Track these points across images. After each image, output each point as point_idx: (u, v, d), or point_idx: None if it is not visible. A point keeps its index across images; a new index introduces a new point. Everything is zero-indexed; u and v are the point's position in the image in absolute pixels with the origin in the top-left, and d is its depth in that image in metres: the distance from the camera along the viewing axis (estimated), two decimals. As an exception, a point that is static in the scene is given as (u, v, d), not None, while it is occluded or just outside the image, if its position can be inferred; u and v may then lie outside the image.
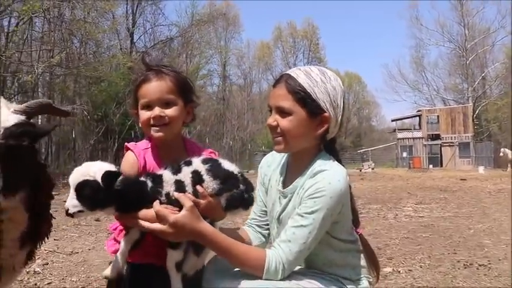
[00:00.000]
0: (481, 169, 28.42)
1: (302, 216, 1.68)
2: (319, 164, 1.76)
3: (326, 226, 1.70)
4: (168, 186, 1.70)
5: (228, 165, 1.82)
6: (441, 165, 41.17)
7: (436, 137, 44.06)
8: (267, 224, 2.04)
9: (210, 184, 1.72)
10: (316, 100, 1.76)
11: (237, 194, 1.76)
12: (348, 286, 1.80)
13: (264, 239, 2.06)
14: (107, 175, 1.56)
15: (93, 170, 1.58)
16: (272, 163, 2.03)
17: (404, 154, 44.50)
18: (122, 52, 26.99)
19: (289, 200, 1.83)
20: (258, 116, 56.41)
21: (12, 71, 19.33)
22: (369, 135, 74.84)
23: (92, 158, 24.07)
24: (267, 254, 1.66)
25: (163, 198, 1.68)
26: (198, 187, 1.70)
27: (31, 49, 21.52)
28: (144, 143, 2.02)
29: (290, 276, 1.70)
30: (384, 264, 4.24)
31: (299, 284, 1.69)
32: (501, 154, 30.24)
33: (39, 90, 23.67)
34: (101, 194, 1.56)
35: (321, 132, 1.80)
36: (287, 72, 1.85)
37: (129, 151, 1.97)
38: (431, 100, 55.78)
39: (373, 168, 33.96)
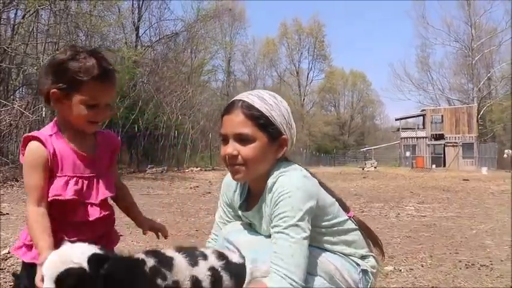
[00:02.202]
0: (484, 170, 28.36)
1: (276, 226, 1.64)
2: (273, 177, 1.74)
3: (306, 222, 1.63)
4: (181, 276, 1.54)
5: (236, 257, 1.73)
6: (444, 165, 41.10)
7: (440, 136, 43.98)
8: None
9: (226, 284, 1.63)
10: (275, 124, 1.74)
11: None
12: (356, 261, 1.84)
13: None
14: (96, 260, 1.33)
15: (76, 255, 1.34)
16: (232, 186, 2.00)
17: (408, 153, 44.45)
18: (127, 46, 26.91)
19: (261, 217, 1.82)
20: (261, 112, 56.23)
21: (17, 63, 19.36)
22: (372, 133, 74.71)
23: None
24: (267, 281, 1.58)
25: (167, 283, 1.50)
26: None
27: (37, 41, 21.54)
28: (49, 129, 1.81)
29: (315, 251, 1.75)
30: (385, 262, 4.23)
31: (324, 256, 1.77)
32: (505, 155, 30.21)
33: (44, 82, 23.72)
34: (88, 283, 1.31)
35: (280, 155, 1.79)
36: (239, 98, 1.81)
37: (31, 141, 1.73)
38: (436, 100, 55.79)
39: (375, 167, 33.93)
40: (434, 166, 39.02)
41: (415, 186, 14.84)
